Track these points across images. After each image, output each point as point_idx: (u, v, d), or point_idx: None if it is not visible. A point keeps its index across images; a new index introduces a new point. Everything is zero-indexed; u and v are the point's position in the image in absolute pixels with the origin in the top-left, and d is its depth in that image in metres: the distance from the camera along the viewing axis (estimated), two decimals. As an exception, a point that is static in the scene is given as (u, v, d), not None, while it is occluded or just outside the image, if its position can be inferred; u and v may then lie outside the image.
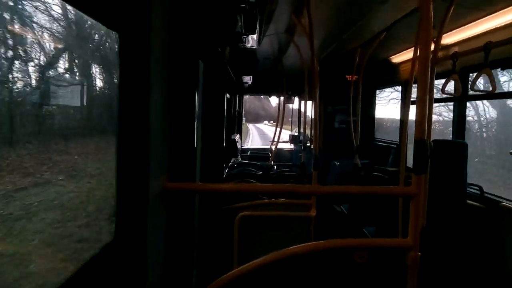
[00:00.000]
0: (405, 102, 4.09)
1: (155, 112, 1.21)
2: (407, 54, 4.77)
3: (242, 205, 2.78)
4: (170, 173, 1.45)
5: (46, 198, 1.54)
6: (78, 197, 1.80)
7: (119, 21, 1.06)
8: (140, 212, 1.14)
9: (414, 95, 3.33)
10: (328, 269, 1.48)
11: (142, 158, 1.14)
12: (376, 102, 6.78)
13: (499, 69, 3.28)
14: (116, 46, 1.11)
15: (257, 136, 31.09)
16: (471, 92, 3.64)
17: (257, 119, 67.10)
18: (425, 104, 1.41)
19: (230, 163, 5.64)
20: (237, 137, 7.46)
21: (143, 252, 1.15)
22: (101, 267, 1.05)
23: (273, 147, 6.36)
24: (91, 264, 1.02)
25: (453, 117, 3.98)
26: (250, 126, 49.73)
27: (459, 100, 3.87)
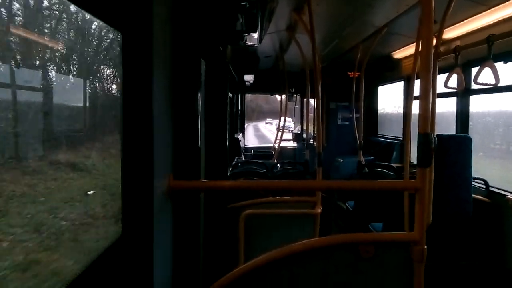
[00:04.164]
0: (407, 98, 4.08)
1: (158, 111, 1.22)
2: (409, 50, 4.75)
3: (247, 203, 2.78)
4: (175, 172, 1.46)
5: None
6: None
7: (122, 20, 1.07)
8: (145, 210, 1.15)
9: (416, 90, 3.33)
10: (335, 263, 1.48)
11: (146, 156, 1.14)
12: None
13: (501, 62, 3.26)
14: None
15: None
16: (474, 86, 3.62)
17: (259, 116, 50.32)
18: (428, 98, 1.41)
19: (234, 162, 5.65)
20: (240, 136, 7.47)
21: (149, 249, 1.16)
22: (109, 263, 1.06)
23: (276, 146, 6.36)
24: (99, 261, 1.03)
25: (456, 111, 3.97)
26: (248, 127, 30.25)
27: (462, 95, 3.86)
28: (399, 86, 5.79)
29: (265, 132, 32.62)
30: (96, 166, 1.87)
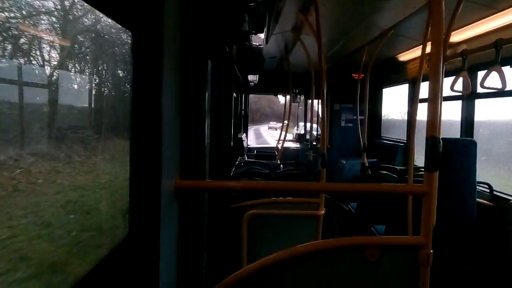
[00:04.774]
0: (413, 100, 4.07)
1: (167, 110, 1.22)
2: (415, 52, 4.74)
3: (250, 203, 2.78)
4: (182, 171, 1.46)
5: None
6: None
7: (133, 20, 1.07)
8: (152, 209, 1.15)
9: (422, 93, 3.32)
10: (340, 266, 1.48)
11: (154, 156, 1.15)
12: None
13: (508, 67, 3.25)
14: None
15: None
16: (480, 90, 3.61)
17: (261, 118, 46.13)
18: (437, 102, 1.40)
19: (237, 162, 5.65)
20: (243, 135, 7.47)
21: (155, 248, 1.16)
22: (116, 262, 1.07)
23: (280, 146, 6.36)
24: (106, 260, 1.03)
25: (461, 115, 3.96)
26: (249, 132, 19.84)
27: (468, 98, 3.84)
28: (403, 88, 5.78)
29: (268, 138, 26.57)
30: None
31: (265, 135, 30.01)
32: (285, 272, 1.45)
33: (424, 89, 3.51)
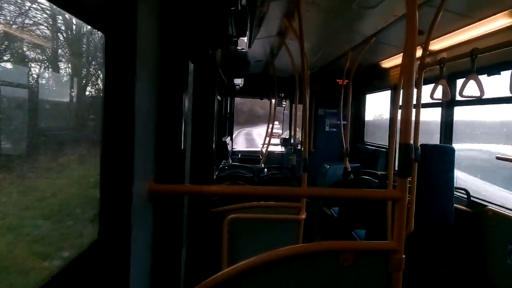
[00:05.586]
0: (393, 106, 4.15)
1: (141, 112, 1.20)
2: (397, 59, 4.83)
3: (232, 207, 2.77)
4: (158, 175, 1.44)
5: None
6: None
7: (105, 21, 1.06)
8: (123, 213, 1.13)
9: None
10: (315, 271, 1.48)
11: (126, 159, 1.13)
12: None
13: (485, 75, 3.34)
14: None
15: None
16: (459, 98, 3.70)
17: (252, 120, 39.43)
18: (410, 109, 1.42)
19: (221, 165, 5.63)
20: (228, 139, 7.45)
21: (126, 253, 1.14)
22: (84, 268, 1.04)
23: (264, 150, 6.37)
24: (73, 265, 1.01)
25: (441, 122, 4.04)
26: (238, 135, 23.79)
27: (447, 105, 3.93)
28: (387, 95, 5.87)
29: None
30: None
31: (258, 141, 23.12)
32: (262, 276, 1.44)
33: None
